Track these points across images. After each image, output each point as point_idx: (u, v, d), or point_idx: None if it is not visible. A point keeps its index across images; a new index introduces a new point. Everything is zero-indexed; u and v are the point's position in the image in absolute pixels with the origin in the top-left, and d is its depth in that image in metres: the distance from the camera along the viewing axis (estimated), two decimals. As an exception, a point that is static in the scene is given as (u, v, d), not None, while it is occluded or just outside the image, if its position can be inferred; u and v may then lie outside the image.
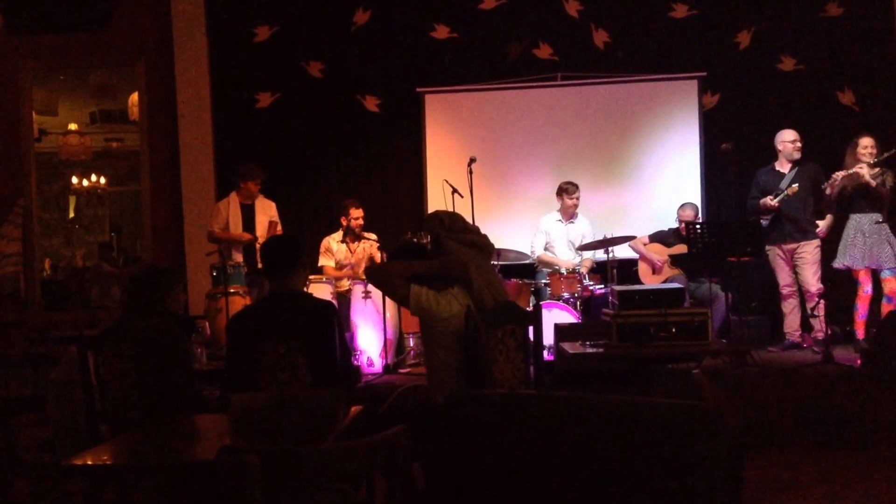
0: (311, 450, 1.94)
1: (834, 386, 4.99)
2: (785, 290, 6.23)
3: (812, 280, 6.03)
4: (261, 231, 6.30)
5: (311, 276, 5.98)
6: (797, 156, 6.12)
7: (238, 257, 6.23)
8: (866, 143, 5.80)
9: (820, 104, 7.10)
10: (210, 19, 7.39)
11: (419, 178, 7.40)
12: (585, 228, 6.70)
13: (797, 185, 5.93)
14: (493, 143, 7.26)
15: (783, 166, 6.19)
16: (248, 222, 6.35)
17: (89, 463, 2.28)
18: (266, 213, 6.40)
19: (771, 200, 6.01)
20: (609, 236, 6.24)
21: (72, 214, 10.91)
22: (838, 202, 5.92)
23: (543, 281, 6.41)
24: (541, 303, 6.03)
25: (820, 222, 6.11)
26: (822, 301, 5.86)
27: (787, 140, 6.15)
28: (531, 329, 4.05)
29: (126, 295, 8.10)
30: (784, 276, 6.20)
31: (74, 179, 10.34)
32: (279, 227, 6.34)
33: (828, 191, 5.93)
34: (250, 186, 6.32)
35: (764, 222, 6.09)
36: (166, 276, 3.80)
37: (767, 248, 6.13)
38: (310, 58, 7.35)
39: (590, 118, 7.31)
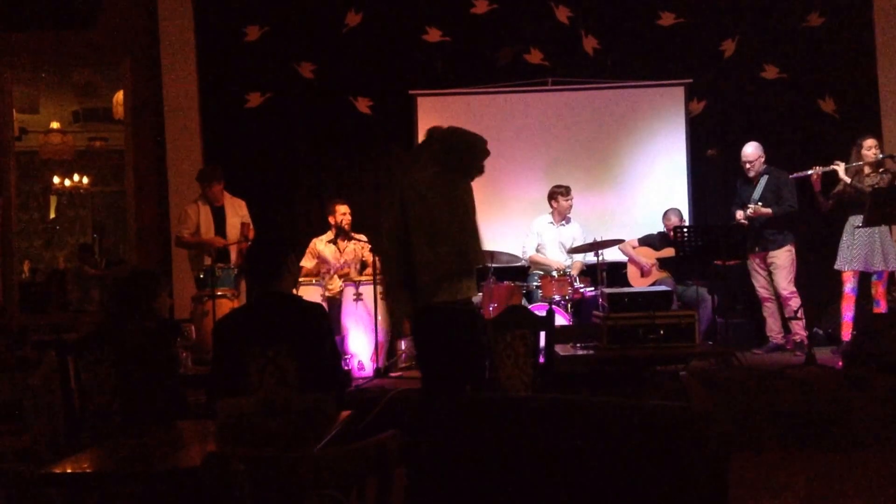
0: (300, 456, 1.88)
1: (816, 387, 5.06)
2: (761, 295, 6.36)
3: (784, 283, 6.15)
4: (233, 233, 6.15)
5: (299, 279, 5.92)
6: (752, 174, 6.26)
7: (207, 261, 6.04)
8: (870, 144, 5.97)
9: (802, 111, 7.27)
10: (199, 18, 7.32)
11: (411, 180, 7.43)
12: (576, 231, 6.77)
13: (760, 203, 6.08)
14: (484, 146, 7.31)
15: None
16: (220, 225, 6.19)
17: (69, 471, 2.19)
18: (237, 213, 6.25)
19: (741, 218, 6.14)
20: (598, 239, 6.30)
21: (52, 215, 10.72)
22: (837, 205, 6.05)
23: (535, 283, 6.47)
24: (531, 305, 6.08)
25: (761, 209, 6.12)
26: (801, 308, 6.00)
27: (744, 159, 6.28)
28: (543, 334, 4.00)
29: (109, 298, 7.99)
30: (759, 282, 6.34)
31: (56, 179, 10.15)
32: (251, 228, 6.16)
33: (816, 188, 6.03)
34: (214, 190, 6.15)
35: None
36: (151, 279, 3.72)
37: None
38: (301, 58, 7.31)
39: (579, 123, 7.38)
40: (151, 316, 3.60)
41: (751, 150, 6.27)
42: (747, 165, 6.27)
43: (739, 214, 6.18)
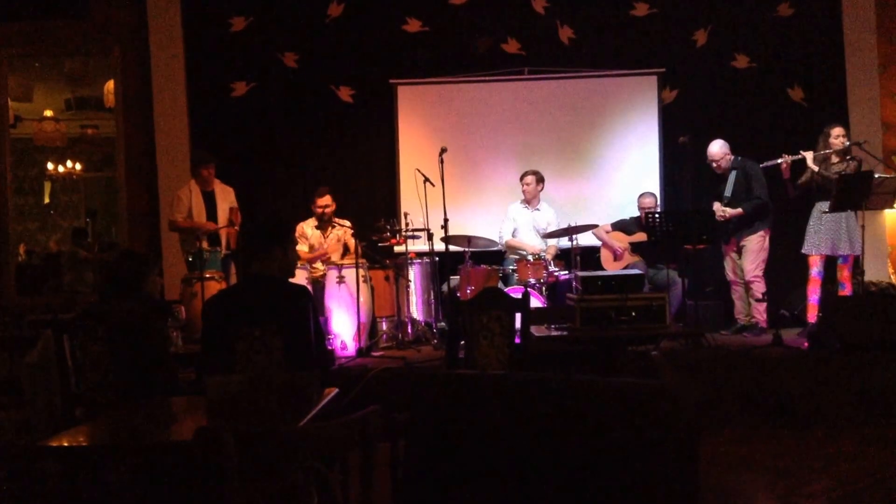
0: (287, 430, 1.93)
1: (783, 367, 5.16)
2: (730, 278, 6.50)
3: (750, 268, 6.26)
4: (223, 218, 6.34)
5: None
6: (719, 171, 6.38)
7: (204, 244, 6.16)
8: (838, 133, 6.09)
9: (771, 100, 7.39)
10: (185, 8, 7.42)
11: (392, 167, 7.54)
12: (550, 216, 6.92)
13: (728, 198, 6.23)
14: (462, 134, 7.42)
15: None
16: (211, 209, 6.38)
17: (65, 444, 2.24)
18: (226, 199, 6.43)
19: (718, 210, 6.26)
20: (573, 224, 6.44)
21: (47, 200, 10.85)
22: (805, 191, 6.17)
23: (511, 267, 6.60)
24: (508, 288, 6.25)
25: (729, 210, 6.29)
26: (765, 297, 6.17)
27: (710, 158, 6.38)
28: (518, 316, 4.06)
29: (102, 279, 8.11)
30: (730, 265, 6.47)
31: (50, 165, 10.27)
32: (238, 214, 6.33)
33: (785, 175, 6.18)
34: (204, 172, 6.34)
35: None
36: (143, 261, 3.78)
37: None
38: (285, 48, 7.43)
39: (555, 111, 7.50)
40: (143, 296, 3.66)
41: (716, 149, 6.34)
42: (713, 164, 6.35)
43: (717, 206, 6.29)
